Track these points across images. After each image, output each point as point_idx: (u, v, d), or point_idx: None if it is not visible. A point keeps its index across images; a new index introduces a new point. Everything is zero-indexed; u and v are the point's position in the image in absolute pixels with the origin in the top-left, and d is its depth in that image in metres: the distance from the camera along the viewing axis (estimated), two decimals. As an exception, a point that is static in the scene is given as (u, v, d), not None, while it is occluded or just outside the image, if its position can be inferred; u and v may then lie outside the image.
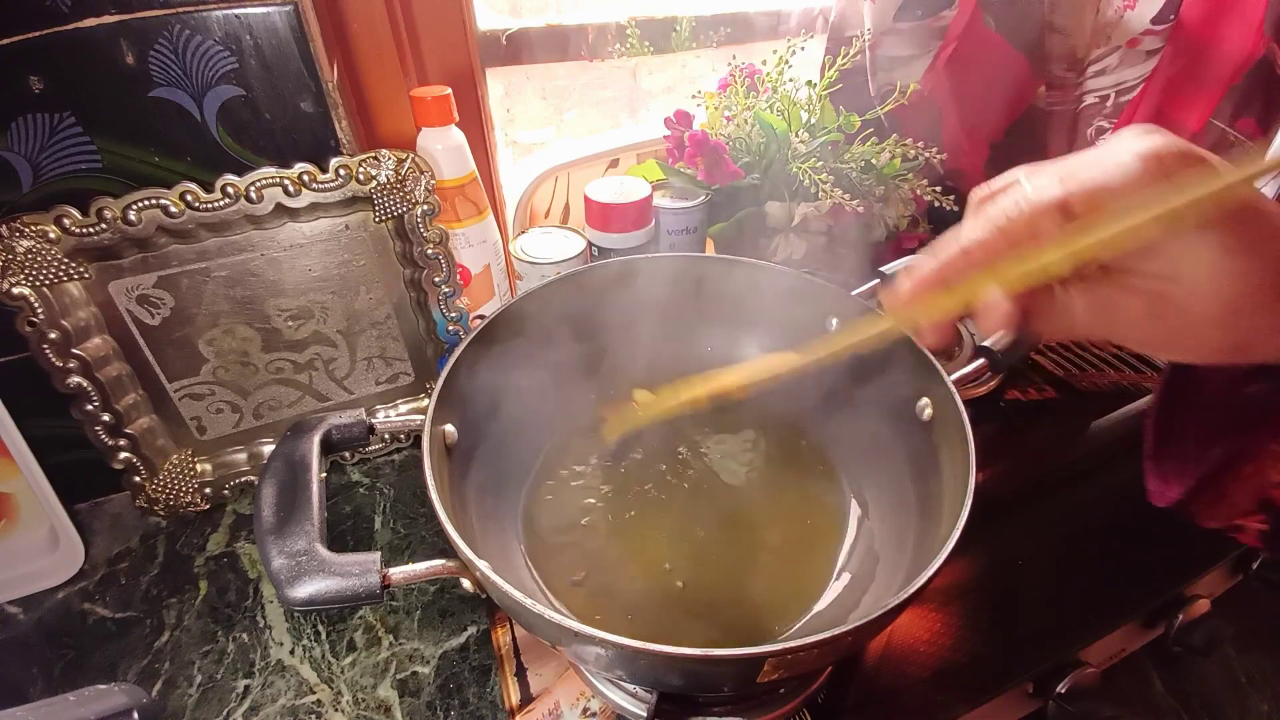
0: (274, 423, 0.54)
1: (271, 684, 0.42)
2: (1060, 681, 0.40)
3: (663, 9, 0.72)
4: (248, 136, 0.46)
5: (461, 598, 0.46)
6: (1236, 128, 0.82)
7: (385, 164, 0.49)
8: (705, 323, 0.52)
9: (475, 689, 0.41)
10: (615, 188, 0.58)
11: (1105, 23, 0.77)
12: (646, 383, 0.52)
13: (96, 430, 0.46)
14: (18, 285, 0.42)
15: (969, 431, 0.35)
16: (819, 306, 0.47)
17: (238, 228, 0.47)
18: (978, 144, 0.81)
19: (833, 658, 0.36)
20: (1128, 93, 0.84)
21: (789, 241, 0.65)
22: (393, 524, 0.51)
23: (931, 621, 0.43)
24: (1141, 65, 0.81)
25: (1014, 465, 0.54)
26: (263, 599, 0.46)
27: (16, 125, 0.40)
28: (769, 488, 0.47)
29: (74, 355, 0.44)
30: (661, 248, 0.62)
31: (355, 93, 0.53)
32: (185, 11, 0.41)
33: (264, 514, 0.30)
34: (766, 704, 0.38)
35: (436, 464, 0.34)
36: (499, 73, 0.70)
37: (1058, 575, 0.46)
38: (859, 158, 0.64)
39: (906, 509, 0.41)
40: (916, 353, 0.41)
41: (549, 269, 0.55)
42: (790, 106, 0.64)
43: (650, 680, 0.33)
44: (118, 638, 0.44)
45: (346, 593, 0.29)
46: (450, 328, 0.55)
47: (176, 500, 0.51)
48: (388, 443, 0.57)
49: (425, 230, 0.51)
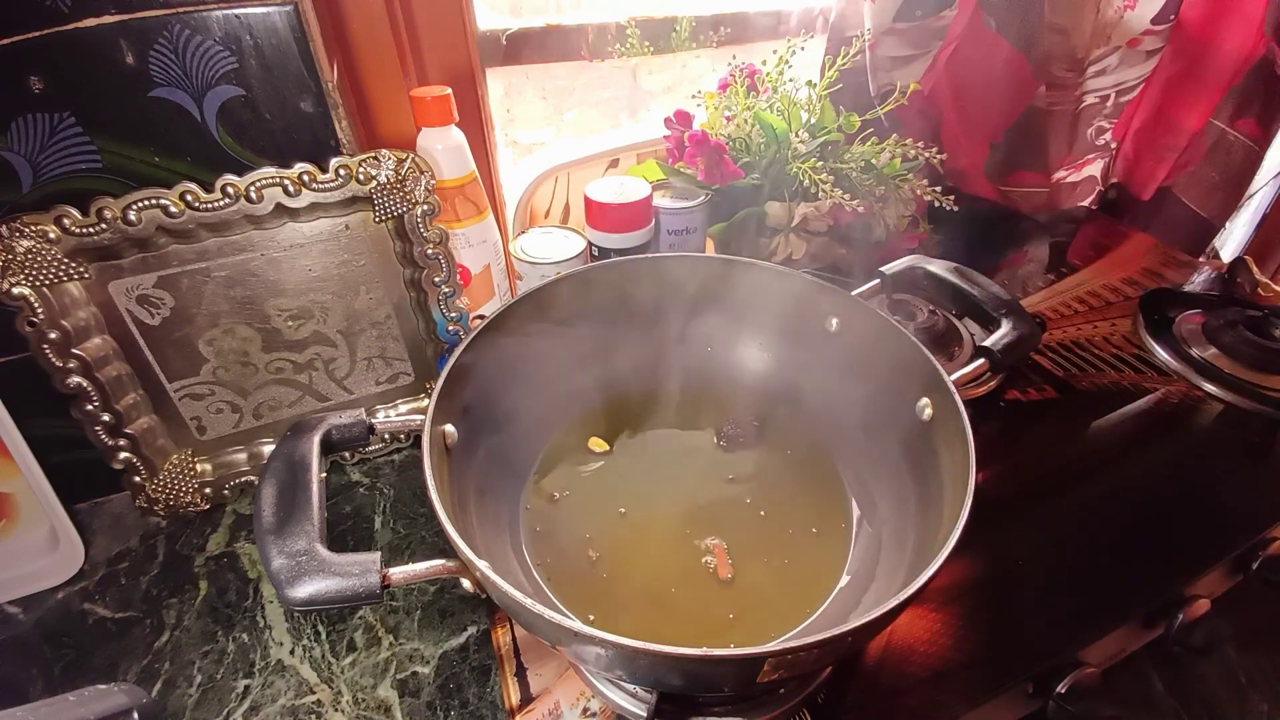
0: (274, 423, 0.54)
1: (271, 684, 0.42)
2: (1060, 681, 0.40)
3: (663, 9, 0.72)
4: (248, 136, 0.46)
5: (461, 598, 0.46)
6: (1236, 128, 0.82)
7: (385, 164, 0.49)
8: (705, 323, 0.52)
9: (475, 689, 0.41)
10: (615, 188, 0.58)
11: (1105, 23, 0.77)
12: (647, 382, 0.52)
13: (96, 430, 0.46)
14: (18, 285, 0.42)
15: (969, 431, 0.35)
16: (819, 306, 0.47)
17: (238, 228, 0.47)
18: (978, 144, 0.81)
19: (833, 658, 0.36)
20: (1128, 93, 0.84)
21: (789, 241, 0.65)
22: (393, 524, 0.51)
23: (931, 621, 0.43)
24: (1141, 65, 0.81)
25: (1014, 465, 0.54)
26: (263, 599, 0.46)
27: (16, 125, 0.40)
28: (770, 488, 0.47)
29: (74, 355, 0.44)
30: (661, 248, 0.62)
31: (355, 93, 0.53)
32: (185, 11, 0.41)
33: (264, 514, 0.30)
34: (766, 704, 0.38)
35: (436, 464, 0.34)
36: (499, 73, 0.70)
37: (1058, 575, 0.46)
38: (859, 158, 0.64)
39: (906, 509, 0.41)
40: (917, 353, 0.41)
41: (549, 269, 0.55)
42: (790, 106, 0.64)
43: (650, 680, 0.33)
44: (118, 638, 0.44)
45: (346, 593, 0.28)
46: (450, 328, 0.55)
47: (176, 500, 0.51)
48: (388, 443, 0.57)
49: (425, 230, 0.51)
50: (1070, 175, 0.90)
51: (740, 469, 0.48)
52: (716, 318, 0.52)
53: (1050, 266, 0.79)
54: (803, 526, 0.44)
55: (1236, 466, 0.55)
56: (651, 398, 0.52)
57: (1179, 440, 0.57)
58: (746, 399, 0.52)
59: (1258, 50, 0.76)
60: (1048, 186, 0.86)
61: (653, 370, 0.53)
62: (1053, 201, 0.88)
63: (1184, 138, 0.82)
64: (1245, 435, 0.57)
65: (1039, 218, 0.87)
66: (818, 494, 0.47)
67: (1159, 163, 0.85)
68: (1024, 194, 0.85)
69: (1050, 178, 0.86)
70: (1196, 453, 0.56)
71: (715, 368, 0.53)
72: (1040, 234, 0.85)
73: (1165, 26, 0.78)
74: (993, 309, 0.44)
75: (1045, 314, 0.70)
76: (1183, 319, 0.67)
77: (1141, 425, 0.57)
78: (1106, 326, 0.68)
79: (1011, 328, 0.43)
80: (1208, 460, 0.55)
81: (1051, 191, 0.87)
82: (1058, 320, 0.69)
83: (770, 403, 0.51)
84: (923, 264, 0.48)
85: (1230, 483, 0.53)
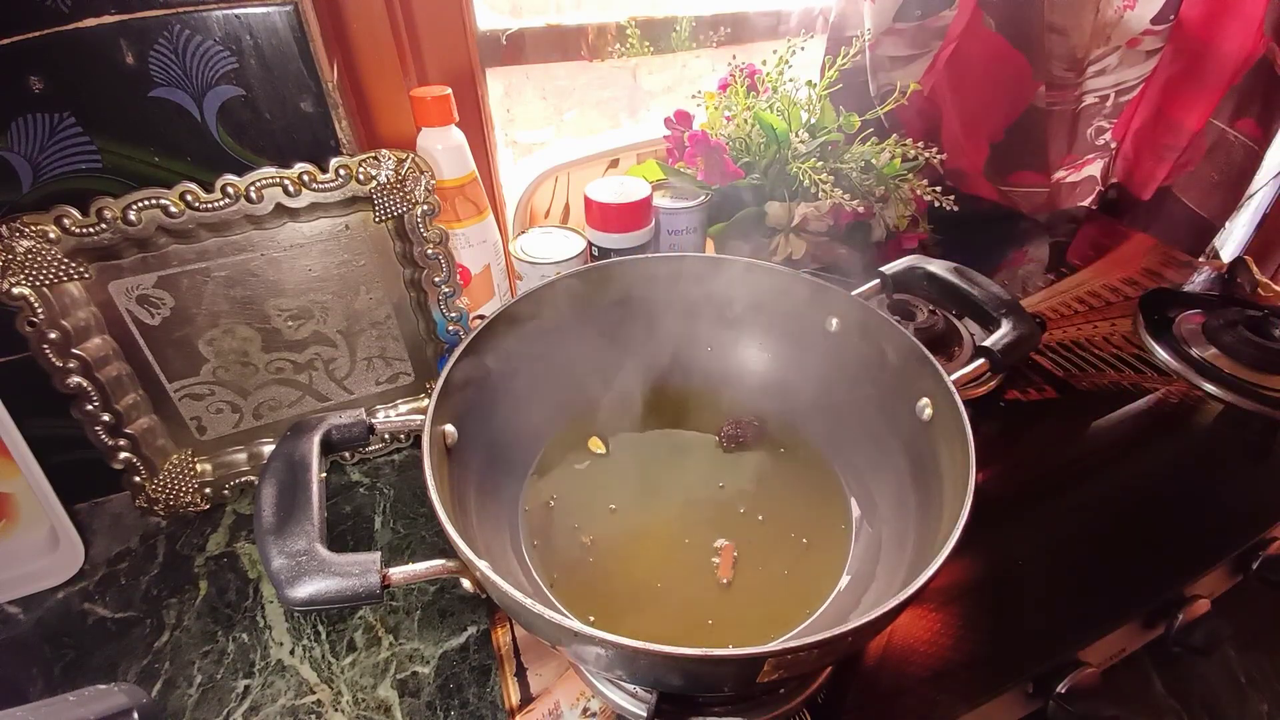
0: (274, 423, 0.54)
1: (271, 684, 0.42)
2: (1060, 681, 0.40)
3: (663, 9, 0.72)
4: (248, 136, 0.46)
5: (461, 598, 0.46)
6: (1236, 128, 0.82)
7: (385, 164, 0.49)
8: (705, 323, 0.52)
9: (475, 689, 0.41)
10: (615, 188, 0.58)
11: (1105, 23, 0.77)
12: (647, 382, 0.52)
13: (96, 430, 0.46)
14: (18, 285, 0.42)
15: (969, 431, 0.35)
16: (819, 306, 0.47)
17: (238, 228, 0.47)
18: (978, 144, 0.81)
19: (833, 658, 0.36)
20: (1128, 93, 0.84)
21: (789, 241, 0.65)
22: (393, 524, 0.51)
23: (931, 621, 0.43)
24: (1141, 65, 0.81)
25: (1014, 465, 0.54)
26: (263, 599, 0.46)
27: (16, 125, 0.40)
28: (770, 489, 0.47)
29: (74, 355, 0.44)
30: (661, 248, 0.62)
31: (355, 93, 0.53)
32: (185, 11, 0.41)
33: (264, 514, 0.30)
34: (766, 704, 0.38)
35: (436, 464, 0.34)
36: (499, 73, 0.70)
37: (1058, 575, 0.46)
38: (859, 158, 0.64)
39: (906, 509, 0.41)
40: (917, 353, 0.41)
41: (549, 269, 0.55)
42: (790, 106, 0.64)
43: (650, 680, 0.33)
44: (118, 638, 0.44)
45: (346, 593, 0.28)
46: (450, 328, 0.55)
47: (176, 500, 0.51)
48: (388, 443, 0.57)
49: (425, 230, 0.51)
50: (1070, 175, 0.90)
51: (740, 469, 0.48)
52: (716, 318, 0.52)
53: (1050, 266, 0.79)
54: (803, 527, 0.44)
55: (1236, 466, 0.55)
56: (651, 398, 0.52)
57: (1179, 440, 0.57)
58: (746, 399, 0.52)
59: (1258, 50, 0.76)
60: (1048, 186, 0.86)
61: (652, 370, 0.53)
62: (1053, 201, 0.88)
63: (1184, 138, 0.82)
64: (1245, 435, 0.57)
65: (1039, 218, 0.87)
66: (818, 494, 0.47)
67: (1159, 163, 0.85)
68: (1024, 194, 0.85)
69: (1050, 178, 0.86)
70: (1196, 453, 0.56)
71: (715, 368, 0.53)
72: (1040, 234, 0.85)
73: (1165, 26, 0.78)
74: (993, 309, 0.44)
75: (1045, 314, 0.70)
76: (1183, 319, 0.67)
77: (1141, 425, 0.57)
78: (1106, 326, 0.68)
79: (1011, 328, 0.43)
80: (1208, 460, 0.55)
81: (1051, 191, 0.87)
82: (1058, 320, 0.69)
83: (770, 403, 0.51)
84: (923, 264, 0.48)
85: (1230, 483, 0.53)
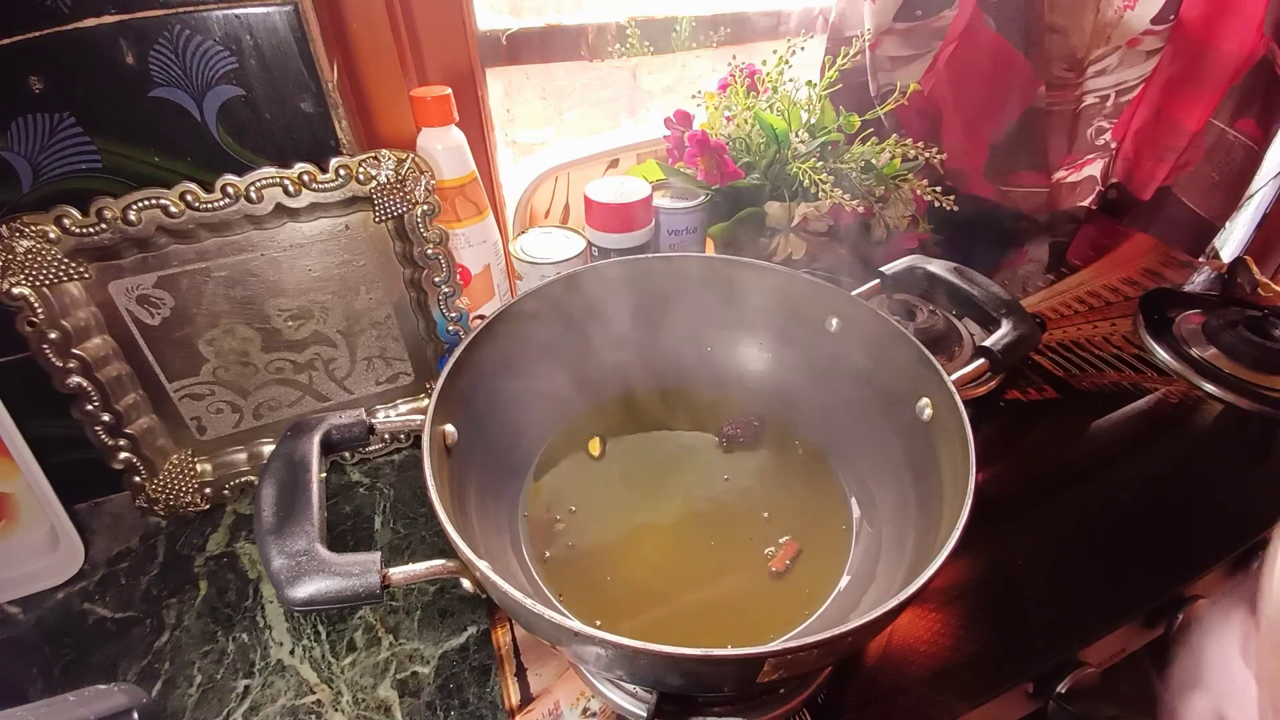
0: (274, 423, 0.54)
1: (271, 684, 0.42)
2: (1060, 681, 0.40)
3: (663, 9, 0.72)
4: (248, 136, 0.46)
5: (461, 598, 0.46)
6: (1236, 128, 0.82)
7: (385, 164, 0.49)
8: (705, 323, 0.52)
9: (475, 689, 0.41)
10: (615, 188, 0.58)
11: (1105, 23, 0.77)
12: (646, 382, 0.52)
13: (96, 430, 0.46)
14: (18, 285, 0.42)
15: (969, 431, 0.35)
16: (819, 306, 0.47)
17: (238, 228, 0.47)
18: (978, 144, 0.81)
19: (833, 658, 0.36)
20: (1128, 93, 0.84)
21: (789, 241, 0.65)
22: (393, 524, 0.51)
23: (931, 621, 0.43)
24: (1141, 65, 0.81)
25: (1014, 465, 0.54)
26: (263, 599, 0.46)
27: (16, 125, 0.40)
28: (770, 489, 0.47)
29: (74, 355, 0.44)
30: (661, 248, 0.62)
31: (355, 93, 0.53)
32: (185, 11, 0.41)
33: (264, 514, 0.30)
34: (766, 704, 0.38)
35: (436, 464, 0.34)
36: (499, 73, 0.70)
37: (1058, 575, 0.46)
38: (859, 158, 0.64)
39: (906, 509, 0.41)
40: (917, 353, 0.41)
41: (549, 269, 0.55)
42: (790, 106, 0.64)
43: (650, 680, 0.33)
44: (118, 638, 0.44)
45: (346, 593, 0.28)
46: (450, 328, 0.55)
47: (176, 500, 0.51)
48: (388, 443, 0.57)
49: (425, 230, 0.51)
50: (1070, 175, 0.90)
51: (740, 469, 0.48)
52: (716, 318, 0.52)
53: (1050, 266, 0.79)
54: (803, 527, 0.44)
55: (1236, 466, 0.55)
56: (651, 398, 0.52)
57: (1179, 440, 0.57)
58: (746, 399, 0.52)
59: (1258, 50, 0.76)
60: (1048, 186, 0.86)
61: (652, 370, 0.53)
62: (1053, 201, 0.88)
63: (1184, 138, 0.82)
64: (1245, 435, 0.57)
65: (1039, 218, 0.87)
66: (818, 494, 0.47)
67: (1159, 163, 0.85)
68: (1024, 194, 0.85)
69: (1050, 178, 0.86)
70: (1196, 453, 0.56)
71: (715, 368, 0.53)
72: (1040, 234, 0.85)
73: (1165, 26, 0.78)
74: (993, 309, 0.44)
75: (1045, 314, 0.70)
76: (1183, 319, 0.67)
77: (1141, 425, 0.57)
78: (1106, 326, 0.68)
79: (1011, 328, 0.43)
80: (1208, 460, 0.55)
81: (1051, 191, 0.87)
82: (1058, 320, 0.69)
83: (770, 403, 0.51)
84: (923, 264, 0.48)
85: (1230, 483, 0.53)
